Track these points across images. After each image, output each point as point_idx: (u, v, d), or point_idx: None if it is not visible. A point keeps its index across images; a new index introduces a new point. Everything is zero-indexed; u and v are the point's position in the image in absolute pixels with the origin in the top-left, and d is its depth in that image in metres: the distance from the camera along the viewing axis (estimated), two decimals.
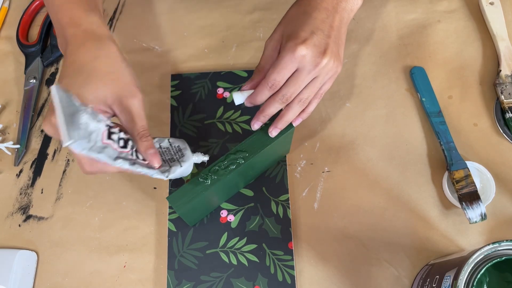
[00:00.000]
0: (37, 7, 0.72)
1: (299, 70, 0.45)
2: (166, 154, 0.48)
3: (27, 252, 0.55)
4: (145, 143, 0.43)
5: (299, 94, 0.47)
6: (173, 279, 0.54)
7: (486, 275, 0.46)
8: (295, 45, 0.44)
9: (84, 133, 0.39)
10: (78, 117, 0.39)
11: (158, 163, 0.44)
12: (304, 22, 0.45)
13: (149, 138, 0.43)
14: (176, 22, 0.70)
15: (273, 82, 0.45)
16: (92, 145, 0.40)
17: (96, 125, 0.40)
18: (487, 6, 0.68)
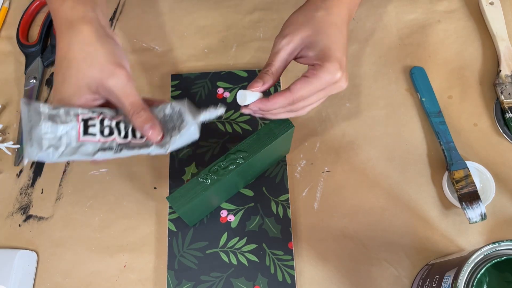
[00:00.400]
0: (37, 7, 0.72)
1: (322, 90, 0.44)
2: (169, 123, 0.44)
3: (27, 252, 0.55)
4: (138, 120, 0.41)
5: None
6: (173, 279, 0.54)
7: (486, 275, 0.46)
8: (335, 70, 0.43)
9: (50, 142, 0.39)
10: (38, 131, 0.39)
11: (157, 136, 0.41)
12: (337, 39, 0.44)
13: (142, 113, 0.41)
14: (176, 22, 0.70)
15: (300, 98, 0.43)
16: (63, 150, 0.40)
17: (65, 128, 0.39)
18: (487, 6, 0.68)
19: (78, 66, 0.41)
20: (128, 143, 0.43)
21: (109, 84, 0.41)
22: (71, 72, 0.41)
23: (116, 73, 0.41)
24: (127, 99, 0.41)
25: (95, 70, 0.41)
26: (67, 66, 0.41)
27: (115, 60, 0.42)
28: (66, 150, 0.40)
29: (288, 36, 0.45)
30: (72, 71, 0.41)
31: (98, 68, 0.41)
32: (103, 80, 0.41)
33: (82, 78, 0.40)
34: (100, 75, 0.41)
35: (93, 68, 0.41)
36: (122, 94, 0.41)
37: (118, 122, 0.43)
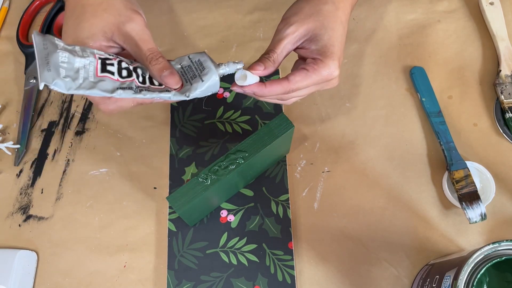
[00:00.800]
0: (37, 7, 0.72)
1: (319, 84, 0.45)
2: (188, 73, 0.43)
3: (27, 252, 0.55)
4: (156, 66, 0.40)
5: None
6: (173, 279, 0.54)
7: (486, 275, 0.46)
8: (335, 68, 0.44)
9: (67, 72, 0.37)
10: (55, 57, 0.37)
11: (177, 84, 0.40)
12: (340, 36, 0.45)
13: (160, 59, 0.40)
14: (176, 22, 0.70)
15: (296, 89, 0.44)
16: (81, 82, 0.37)
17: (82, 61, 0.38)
18: (487, 6, 0.68)
19: (94, 11, 0.40)
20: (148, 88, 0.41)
21: (126, 29, 0.40)
22: (86, 17, 0.39)
23: (134, 18, 0.40)
24: (145, 45, 0.40)
25: (111, 15, 0.40)
26: (81, 12, 0.40)
27: (132, 6, 0.41)
28: (84, 84, 0.38)
29: (294, 25, 0.44)
30: (87, 16, 0.39)
31: (114, 13, 0.40)
32: (120, 25, 0.40)
33: (98, 22, 0.39)
34: (117, 19, 0.40)
35: (110, 13, 0.40)
36: (140, 39, 0.40)
37: (136, 68, 0.41)
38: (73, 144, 0.62)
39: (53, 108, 0.65)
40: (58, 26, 0.70)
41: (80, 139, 0.63)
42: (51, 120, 0.64)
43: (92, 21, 0.39)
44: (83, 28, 0.39)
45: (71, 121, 0.64)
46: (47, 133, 0.63)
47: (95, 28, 0.39)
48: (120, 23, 0.40)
